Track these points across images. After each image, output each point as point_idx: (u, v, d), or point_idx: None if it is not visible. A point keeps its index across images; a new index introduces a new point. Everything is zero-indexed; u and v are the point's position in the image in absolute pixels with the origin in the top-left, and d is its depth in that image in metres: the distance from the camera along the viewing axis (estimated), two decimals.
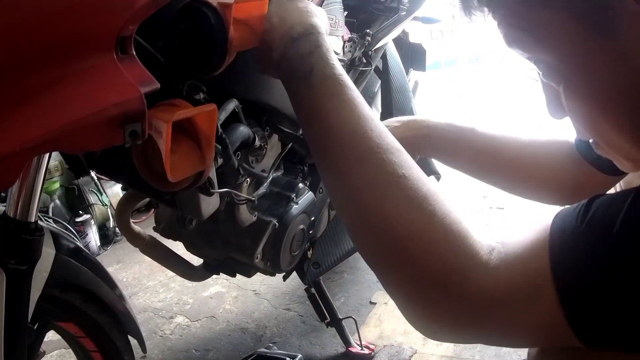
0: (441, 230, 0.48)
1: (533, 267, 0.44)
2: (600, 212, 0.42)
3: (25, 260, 0.81)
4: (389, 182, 0.52)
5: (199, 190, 0.80)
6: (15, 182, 0.63)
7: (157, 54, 0.73)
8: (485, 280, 0.45)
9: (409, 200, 0.50)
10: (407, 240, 0.49)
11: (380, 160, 0.53)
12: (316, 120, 0.59)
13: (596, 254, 0.40)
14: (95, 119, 0.44)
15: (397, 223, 0.49)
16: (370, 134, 0.55)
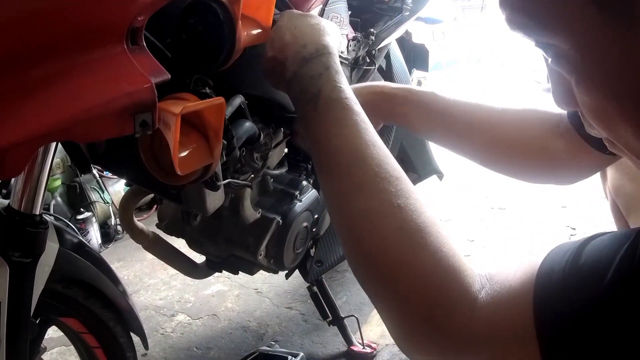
0: (430, 264, 0.48)
1: (517, 312, 0.43)
2: (590, 264, 0.41)
3: (29, 253, 0.81)
4: (383, 211, 0.52)
5: (205, 184, 0.79)
6: (24, 170, 0.63)
7: (165, 49, 0.73)
8: (470, 319, 0.45)
9: (401, 231, 0.50)
10: (396, 272, 0.49)
11: (377, 190, 0.53)
12: (320, 145, 0.60)
13: (581, 309, 0.39)
14: (106, 108, 0.45)
15: (387, 254, 0.50)
16: (370, 161, 0.55)
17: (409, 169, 1.67)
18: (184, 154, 0.62)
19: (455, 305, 0.46)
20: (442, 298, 0.46)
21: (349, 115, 0.59)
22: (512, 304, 0.44)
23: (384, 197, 0.52)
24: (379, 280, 0.51)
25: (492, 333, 0.44)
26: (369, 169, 0.55)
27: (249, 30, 0.75)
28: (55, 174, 2.64)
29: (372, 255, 0.51)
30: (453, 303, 0.46)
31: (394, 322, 0.51)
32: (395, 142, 1.59)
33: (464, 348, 0.45)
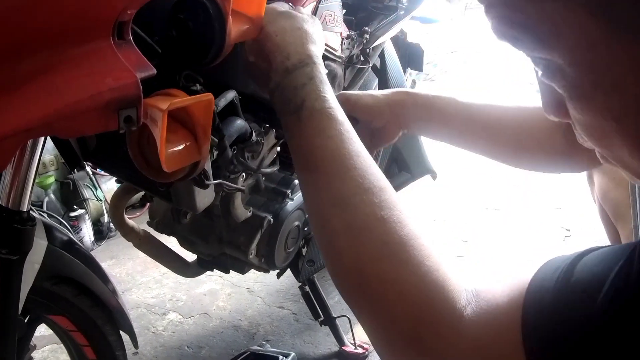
0: (414, 279, 0.47)
1: (505, 332, 0.42)
2: (582, 282, 0.39)
3: (16, 250, 0.80)
4: (366, 225, 0.51)
5: (194, 182, 0.79)
6: (7, 166, 0.63)
7: (154, 45, 0.72)
8: (456, 338, 0.44)
9: (384, 245, 0.49)
10: (379, 288, 0.48)
11: (360, 202, 0.52)
12: (303, 157, 0.59)
13: (572, 331, 0.38)
14: (90, 103, 0.44)
15: (370, 270, 0.49)
16: (353, 173, 0.54)
17: (402, 168, 1.67)
18: (171, 150, 0.62)
19: (441, 324, 0.45)
20: (427, 316, 0.45)
21: (332, 125, 0.58)
22: (500, 324, 0.43)
23: (367, 209, 0.51)
24: (363, 297, 0.49)
25: (479, 353, 0.43)
26: (352, 180, 0.53)
27: (239, 26, 0.74)
28: (49, 170, 2.62)
29: (354, 271, 0.50)
30: (439, 321, 0.45)
31: (379, 340, 0.49)
32: None
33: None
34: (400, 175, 1.66)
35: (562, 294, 0.40)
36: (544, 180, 3.10)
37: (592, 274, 0.39)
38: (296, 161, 0.61)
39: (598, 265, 0.40)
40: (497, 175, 3.19)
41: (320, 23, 1.17)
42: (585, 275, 0.39)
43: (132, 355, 1.61)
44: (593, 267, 0.40)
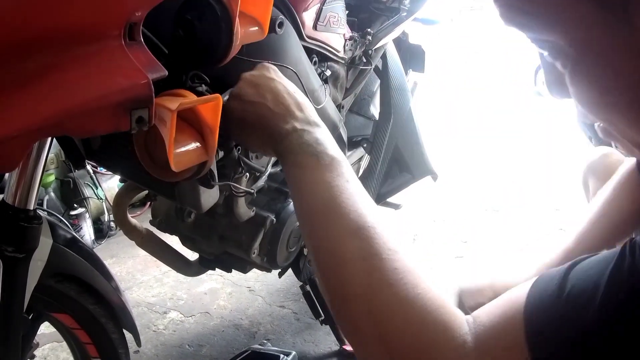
0: (412, 312, 0.47)
1: (510, 345, 0.42)
2: (578, 288, 0.40)
3: (22, 248, 0.80)
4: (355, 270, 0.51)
5: (200, 182, 0.79)
6: (19, 165, 0.63)
7: (161, 45, 0.73)
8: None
9: (372, 283, 0.49)
10: (386, 315, 0.48)
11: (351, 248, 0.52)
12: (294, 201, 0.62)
13: (576, 335, 0.39)
14: (102, 103, 0.44)
15: (368, 306, 0.49)
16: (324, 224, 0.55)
17: (403, 169, 1.67)
18: (179, 150, 0.62)
19: (444, 351, 0.45)
20: (430, 346, 0.46)
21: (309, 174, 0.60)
22: (504, 341, 0.43)
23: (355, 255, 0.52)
24: (366, 326, 0.49)
25: None
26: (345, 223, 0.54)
27: (246, 28, 0.75)
28: (49, 169, 2.62)
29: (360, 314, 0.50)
30: (441, 349, 0.45)
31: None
32: (390, 142, 1.59)
33: None
34: (401, 176, 1.66)
35: (560, 303, 0.41)
36: (542, 182, 3.11)
37: (586, 280, 0.40)
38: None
39: (592, 269, 0.41)
40: (496, 176, 3.20)
41: (324, 25, 1.18)
42: (580, 282, 0.41)
43: (133, 353, 1.61)
44: (587, 272, 0.41)
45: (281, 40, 0.97)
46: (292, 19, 1.05)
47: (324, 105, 1.18)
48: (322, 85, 1.19)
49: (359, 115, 1.75)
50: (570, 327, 0.39)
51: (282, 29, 0.88)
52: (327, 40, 1.22)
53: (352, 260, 0.51)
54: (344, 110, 1.48)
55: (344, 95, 1.45)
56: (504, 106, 6.33)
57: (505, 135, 4.61)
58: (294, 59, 1.02)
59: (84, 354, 1.13)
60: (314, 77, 1.13)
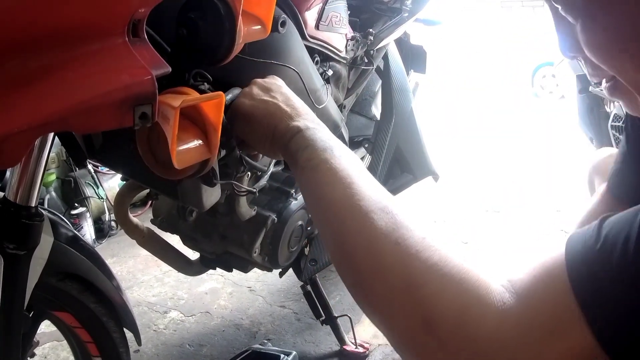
0: (450, 274, 0.47)
1: (552, 301, 0.42)
2: (614, 231, 0.41)
3: (23, 245, 0.80)
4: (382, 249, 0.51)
5: (202, 180, 0.79)
6: (21, 160, 0.63)
7: (164, 44, 0.73)
8: (502, 322, 0.43)
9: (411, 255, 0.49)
10: (420, 280, 0.47)
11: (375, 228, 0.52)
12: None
13: (622, 277, 0.38)
14: (106, 100, 0.45)
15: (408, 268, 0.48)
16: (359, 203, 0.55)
17: (404, 169, 1.67)
18: (181, 148, 0.62)
19: (484, 313, 0.44)
20: (469, 310, 0.44)
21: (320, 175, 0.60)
22: (545, 292, 0.42)
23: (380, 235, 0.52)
24: (400, 294, 0.48)
25: (532, 327, 0.42)
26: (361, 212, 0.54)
27: (249, 26, 0.75)
28: (50, 168, 2.63)
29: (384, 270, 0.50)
30: (481, 312, 0.44)
31: (419, 347, 0.47)
32: (391, 142, 1.59)
33: (505, 354, 0.42)
34: (403, 177, 1.66)
35: (599, 248, 0.41)
36: (543, 182, 3.11)
37: (620, 224, 0.41)
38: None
39: (623, 219, 0.41)
40: (497, 177, 3.20)
41: (326, 25, 1.18)
42: (614, 228, 0.41)
43: (133, 353, 1.60)
44: (619, 220, 0.42)
45: (283, 39, 0.97)
46: (294, 19, 1.05)
47: (326, 105, 1.18)
48: (324, 85, 1.19)
49: (361, 115, 1.75)
50: (612, 267, 0.39)
51: (284, 28, 0.88)
52: (329, 40, 1.22)
53: (383, 234, 0.51)
54: (345, 111, 1.48)
55: (346, 96, 1.46)
56: (504, 106, 6.35)
57: (505, 135, 4.62)
58: (296, 58, 1.02)
59: (84, 353, 1.13)
60: (316, 76, 1.13)
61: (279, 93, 0.72)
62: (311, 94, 1.09)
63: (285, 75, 0.98)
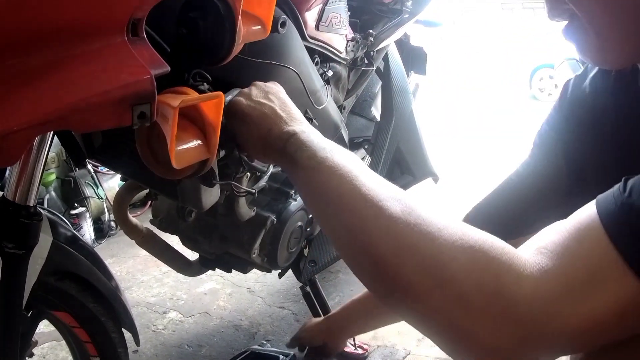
0: (476, 249, 0.46)
1: (591, 254, 0.42)
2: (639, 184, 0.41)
3: (22, 244, 0.80)
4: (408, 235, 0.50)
5: (201, 180, 0.79)
6: (19, 159, 0.63)
7: (164, 43, 0.73)
8: (541, 281, 0.43)
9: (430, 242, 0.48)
10: (447, 256, 0.46)
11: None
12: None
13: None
14: (104, 98, 0.45)
15: (437, 272, 0.47)
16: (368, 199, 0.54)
17: (404, 171, 1.67)
18: (180, 147, 0.62)
19: (521, 274, 0.43)
20: (506, 271, 0.44)
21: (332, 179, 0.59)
22: (581, 245, 0.43)
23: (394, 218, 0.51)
24: (432, 270, 0.47)
25: (572, 279, 0.42)
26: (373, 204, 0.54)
27: (249, 27, 0.75)
28: (50, 168, 2.63)
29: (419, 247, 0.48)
30: (518, 272, 0.44)
31: (459, 321, 0.45)
32: (391, 144, 1.59)
33: (547, 309, 0.42)
34: (403, 178, 1.66)
35: (629, 198, 0.42)
36: None
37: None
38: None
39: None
40: (497, 177, 3.20)
41: (326, 26, 1.18)
42: (637, 183, 0.42)
43: (132, 353, 1.60)
44: None
45: (283, 40, 0.97)
46: (294, 19, 1.05)
47: (326, 106, 1.18)
48: (324, 85, 1.19)
49: (361, 116, 1.75)
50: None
51: (284, 28, 0.88)
52: (329, 41, 1.22)
53: (400, 217, 0.50)
54: (345, 112, 1.48)
55: (346, 97, 1.46)
56: (502, 107, 6.35)
57: (504, 135, 4.62)
58: (296, 59, 1.02)
59: (83, 353, 1.13)
60: (316, 77, 1.13)
61: (276, 98, 0.72)
62: (311, 94, 1.09)
63: (285, 76, 0.98)
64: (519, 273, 0.43)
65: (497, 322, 0.43)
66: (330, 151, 0.61)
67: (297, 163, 0.62)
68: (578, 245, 0.43)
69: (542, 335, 0.42)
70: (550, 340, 0.42)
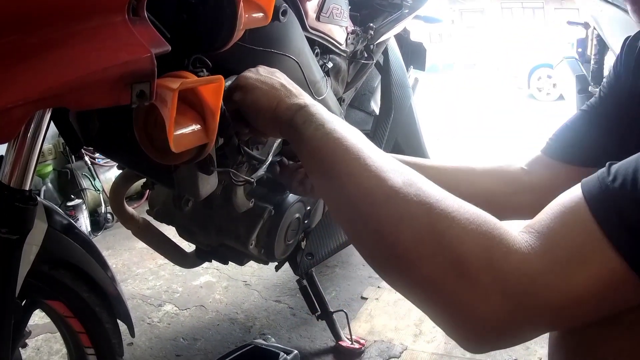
0: (471, 221, 0.48)
1: (576, 232, 0.44)
2: (629, 170, 0.43)
3: (16, 229, 0.79)
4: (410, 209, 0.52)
5: (199, 167, 0.78)
6: (15, 135, 0.62)
7: (164, 30, 0.72)
8: (528, 256, 0.45)
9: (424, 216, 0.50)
10: (445, 224, 0.48)
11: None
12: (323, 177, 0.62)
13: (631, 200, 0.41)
14: (103, 76, 0.44)
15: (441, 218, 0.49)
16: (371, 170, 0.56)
17: None
18: (179, 132, 0.61)
19: (510, 248, 0.45)
20: (497, 244, 0.46)
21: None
22: (567, 223, 0.45)
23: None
24: (430, 235, 0.49)
25: (558, 255, 0.44)
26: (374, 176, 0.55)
27: (250, 13, 0.75)
28: (47, 159, 2.61)
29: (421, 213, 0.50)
30: (508, 245, 0.46)
31: (455, 288, 0.46)
32: (390, 137, 1.59)
33: (534, 281, 0.44)
34: None
35: (612, 183, 0.44)
36: None
37: (627, 167, 0.44)
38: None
39: (629, 160, 0.44)
40: None
41: (327, 17, 1.17)
42: (625, 169, 0.44)
43: (126, 345, 1.59)
44: (625, 164, 0.44)
45: (284, 29, 0.96)
46: (295, 8, 1.04)
47: (325, 97, 1.17)
48: (323, 77, 1.18)
49: (360, 110, 1.74)
50: (636, 198, 0.42)
51: (285, 17, 0.87)
52: (329, 32, 1.21)
53: (401, 187, 0.52)
54: (344, 104, 1.47)
55: (345, 89, 1.45)
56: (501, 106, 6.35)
57: (503, 135, 4.63)
58: (296, 48, 1.01)
59: (76, 344, 1.12)
60: (315, 68, 1.12)
61: (282, 77, 0.73)
62: (310, 85, 1.08)
63: (284, 65, 0.97)
64: (509, 247, 0.45)
65: (488, 292, 0.44)
66: (337, 124, 0.62)
67: (304, 134, 0.63)
68: (563, 224, 0.45)
69: (527, 308, 0.44)
70: (535, 314, 0.44)
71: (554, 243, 0.44)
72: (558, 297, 0.43)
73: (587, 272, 0.43)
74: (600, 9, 2.50)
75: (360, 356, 1.56)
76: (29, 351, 1.61)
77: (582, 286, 0.43)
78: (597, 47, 3.23)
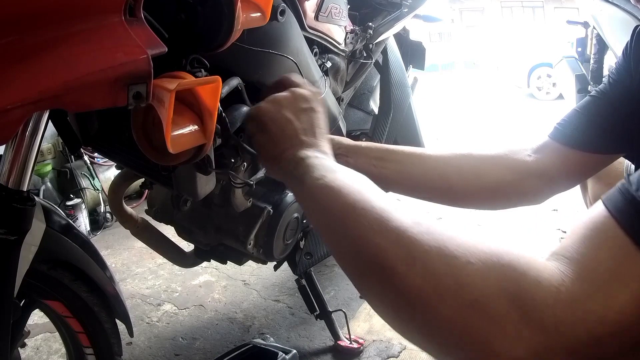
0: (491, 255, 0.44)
1: (609, 252, 0.41)
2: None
3: (14, 230, 0.79)
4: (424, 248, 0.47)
5: (197, 167, 0.78)
6: (12, 137, 0.62)
7: (161, 29, 0.72)
8: (562, 287, 0.41)
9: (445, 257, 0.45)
10: (463, 260, 0.44)
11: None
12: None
13: None
14: (100, 77, 0.44)
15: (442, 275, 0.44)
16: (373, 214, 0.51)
17: None
18: (176, 132, 0.61)
19: (537, 279, 0.41)
20: (518, 284, 0.41)
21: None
22: (597, 246, 0.42)
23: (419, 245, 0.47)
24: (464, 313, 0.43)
25: (592, 280, 0.40)
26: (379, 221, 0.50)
27: (248, 13, 0.74)
28: (47, 159, 2.61)
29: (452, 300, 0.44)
30: (532, 284, 0.41)
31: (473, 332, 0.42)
32: (389, 137, 1.59)
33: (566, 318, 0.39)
34: None
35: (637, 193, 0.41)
36: None
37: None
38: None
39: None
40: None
41: (326, 16, 1.17)
42: None
43: (125, 345, 1.60)
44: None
45: (282, 28, 0.96)
46: (293, 8, 1.04)
47: (324, 97, 1.17)
48: (322, 76, 1.18)
49: (359, 109, 1.74)
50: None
51: (283, 17, 0.87)
52: (328, 32, 1.21)
53: (411, 226, 0.47)
54: (343, 104, 1.47)
55: (344, 89, 1.45)
56: (501, 106, 6.35)
57: (502, 134, 4.63)
58: (294, 48, 1.01)
59: (75, 343, 1.12)
60: (314, 68, 1.12)
61: (307, 118, 0.70)
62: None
63: (283, 66, 0.97)
64: (538, 278, 0.41)
65: (518, 329, 0.40)
66: (340, 172, 0.59)
67: (304, 182, 0.60)
68: (592, 246, 0.42)
69: (565, 342, 0.40)
70: (574, 348, 0.40)
71: (586, 267, 0.41)
72: (601, 326, 0.39)
73: (630, 291, 0.39)
74: (599, 8, 2.50)
75: (359, 356, 1.56)
76: (28, 351, 1.62)
77: (626, 307, 0.39)
78: (597, 46, 3.23)
